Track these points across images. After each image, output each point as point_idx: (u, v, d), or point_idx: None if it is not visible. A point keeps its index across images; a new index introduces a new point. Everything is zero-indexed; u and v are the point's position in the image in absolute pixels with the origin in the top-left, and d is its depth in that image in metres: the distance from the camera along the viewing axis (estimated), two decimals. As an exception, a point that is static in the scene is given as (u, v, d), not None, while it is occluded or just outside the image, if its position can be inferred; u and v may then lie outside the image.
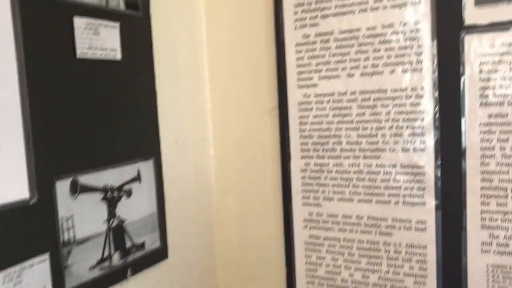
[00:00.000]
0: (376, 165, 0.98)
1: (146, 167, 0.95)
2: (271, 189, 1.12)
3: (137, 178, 0.93)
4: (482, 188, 0.89)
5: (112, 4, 0.87)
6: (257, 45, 1.09)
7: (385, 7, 0.94)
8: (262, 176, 1.13)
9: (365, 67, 0.97)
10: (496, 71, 0.86)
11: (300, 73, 1.04)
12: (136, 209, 0.92)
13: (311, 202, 1.06)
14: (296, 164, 1.06)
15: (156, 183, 0.98)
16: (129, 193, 0.90)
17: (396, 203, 0.97)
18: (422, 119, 0.93)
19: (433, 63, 0.91)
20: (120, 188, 0.89)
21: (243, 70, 1.12)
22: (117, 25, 0.87)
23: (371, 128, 0.98)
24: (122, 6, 0.89)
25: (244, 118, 1.13)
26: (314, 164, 1.04)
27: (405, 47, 0.93)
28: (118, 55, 0.87)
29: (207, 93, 1.17)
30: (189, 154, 1.11)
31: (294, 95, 1.05)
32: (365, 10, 0.96)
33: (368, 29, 0.96)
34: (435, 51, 0.91)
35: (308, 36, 1.02)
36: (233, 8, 1.12)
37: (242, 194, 1.17)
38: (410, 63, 0.93)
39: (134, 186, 0.92)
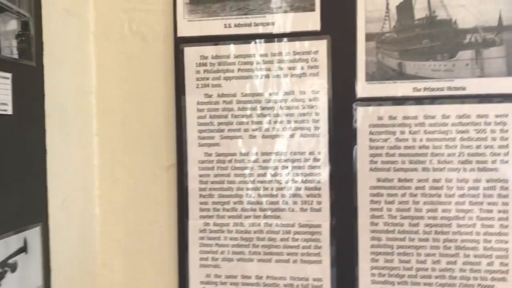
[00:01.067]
0: (276, 225, 1.02)
1: (33, 235, 0.84)
2: (165, 251, 1.07)
3: (24, 249, 0.81)
4: (372, 246, 0.98)
5: (5, 52, 0.77)
6: (154, 100, 1.07)
7: (286, 75, 1.00)
8: (154, 237, 1.08)
9: (266, 130, 1.01)
10: (384, 140, 0.97)
11: (201, 131, 1.03)
12: (21, 284, 0.80)
13: (209, 263, 1.04)
14: (194, 224, 1.04)
15: (43, 252, 0.87)
16: (14, 268, 0.79)
17: (295, 261, 1.01)
18: (319, 181, 1.00)
19: (329, 130, 0.99)
20: (4, 263, 0.77)
21: (137, 124, 1.08)
22: (9, 76, 0.78)
23: (272, 189, 1.02)
24: (15, 55, 0.80)
25: (137, 175, 1.08)
26: (214, 224, 1.04)
27: (304, 114, 1.00)
28: (9, 110, 0.77)
29: (94, 146, 1.09)
30: (75, 215, 1.02)
31: (194, 153, 1.04)
32: (267, 76, 1.01)
33: (270, 94, 1.01)
34: (331, 120, 0.99)
35: (210, 96, 1.03)
36: (127, 59, 1.08)
37: (130, 257, 1.09)
38: (309, 129, 1.00)
39: (19, 258, 0.80)
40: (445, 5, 0.94)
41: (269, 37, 1.01)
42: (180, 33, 1.04)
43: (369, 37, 0.97)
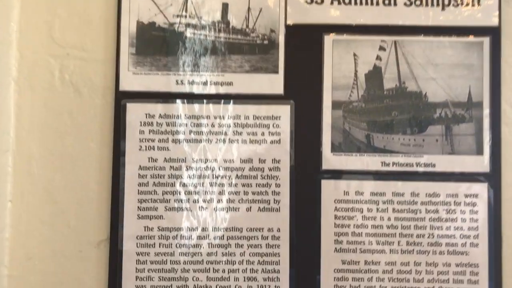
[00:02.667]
0: (227, 314, 0.88)
1: None
2: None
3: None
4: (335, 338, 0.88)
5: None
6: (86, 163, 0.91)
7: (244, 141, 0.90)
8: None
9: (219, 201, 0.89)
10: (350, 218, 0.89)
11: (142, 201, 0.89)
12: None
13: None
14: (128, 312, 0.88)
15: None
16: None
17: None
18: (278, 262, 0.89)
19: (291, 204, 0.89)
20: None
21: (63, 190, 0.91)
22: None
23: (224, 270, 0.89)
24: None
25: (58, 251, 0.91)
26: (153, 313, 0.88)
27: (263, 185, 0.90)
28: None
29: (7, 215, 0.90)
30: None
31: (131, 227, 0.89)
32: (223, 141, 0.90)
33: (226, 161, 0.90)
34: (293, 193, 0.89)
35: (155, 160, 0.90)
36: (55, 114, 0.92)
37: None
38: (268, 202, 0.89)
39: None
40: (415, 76, 0.91)
41: (227, 98, 0.91)
42: (123, 87, 0.91)
43: (335, 105, 0.91)
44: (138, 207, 0.90)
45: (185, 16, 0.92)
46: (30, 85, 0.91)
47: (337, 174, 0.90)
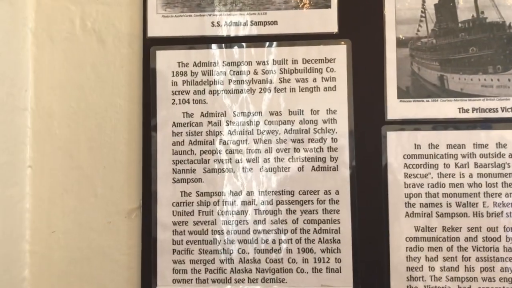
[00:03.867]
0: (279, 292, 0.76)
1: None
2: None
3: None
4: (409, 317, 0.74)
5: None
6: (113, 121, 0.81)
7: (293, 90, 0.77)
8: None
9: (266, 161, 0.77)
10: (423, 176, 0.75)
11: (177, 162, 0.78)
12: None
13: None
14: (165, 291, 0.76)
15: None
16: None
17: None
18: (338, 231, 0.76)
19: (351, 162, 0.76)
20: None
21: (87, 153, 0.81)
22: None
23: (274, 241, 0.77)
24: None
25: (84, 223, 0.80)
26: (193, 291, 0.76)
27: (317, 140, 0.77)
28: None
29: (26, 182, 0.80)
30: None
31: (166, 193, 0.78)
32: (268, 90, 0.77)
33: (272, 114, 0.78)
34: (353, 149, 0.76)
35: (191, 115, 0.79)
36: (77, 66, 0.81)
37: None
38: (323, 160, 0.77)
39: None
40: (496, 4, 0.76)
41: (271, 40, 0.78)
42: (152, 33, 0.79)
43: (400, 42, 0.77)
44: (173, 169, 0.78)
45: (220, -50, 0.80)
46: (48, 36, 0.82)
47: (405, 125, 0.76)
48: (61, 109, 0.81)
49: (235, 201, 0.78)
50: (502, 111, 0.76)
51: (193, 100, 0.79)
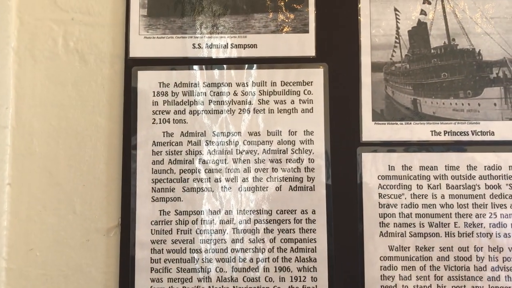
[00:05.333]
0: (256, 310, 0.77)
1: None
2: None
3: None
4: (383, 337, 0.76)
5: None
6: (93, 138, 0.82)
7: (271, 111, 0.80)
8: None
9: (244, 180, 0.79)
10: (397, 196, 0.77)
11: (156, 181, 0.79)
12: None
13: None
14: (142, 309, 0.77)
15: None
16: None
17: None
18: (314, 249, 0.77)
19: (327, 182, 0.78)
20: None
21: (67, 170, 0.82)
22: None
23: (251, 260, 0.78)
24: None
25: (62, 241, 0.80)
26: (170, 309, 0.77)
27: (295, 161, 0.79)
28: None
29: (5, 199, 0.81)
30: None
31: (145, 211, 0.79)
32: (247, 111, 0.80)
33: (251, 134, 0.79)
34: (329, 169, 0.78)
35: (171, 135, 0.80)
36: (59, 85, 0.83)
37: None
38: (300, 179, 0.79)
39: None
40: (466, 32, 0.80)
41: (250, 62, 0.80)
42: (133, 53, 0.81)
43: (375, 67, 0.80)
44: (153, 188, 0.79)
45: (202, -26, 0.83)
46: (31, 55, 0.83)
47: (380, 146, 0.79)
48: (41, 127, 0.82)
49: (213, 220, 0.79)
50: (473, 134, 0.79)
51: (173, 119, 0.81)
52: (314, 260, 0.78)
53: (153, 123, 0.81)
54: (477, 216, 0.78)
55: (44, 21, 0.84)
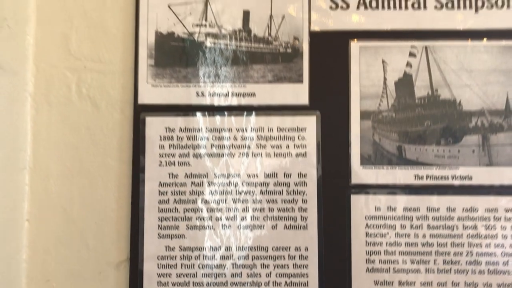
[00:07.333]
0: (253, 338, 0.85)
1: None
2: None
3: None
4: None
5: None
6: (105, 180, 0.90)
7: (268, 155, 0.87)
8: None
9: (243, 218, 0.86)
10: (382, 235, 0.85)
11: (162, 219, 0.87)
12: None
13: None
14: (149, 336, 0.85)
15: None
16: None
17: None
18: (306, 284, 0.85)
19: (319, 221, 0.86)
20: None
21: (81, 209, 0.90)
22: None
23: (248, 292, 0.85)
24: None
25: (77, 273, 0.89)
26: (175, 336, 0.85)
27: (289, 201, 0.86)
28: None
29: (24, 235, 0.88)
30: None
31: (152, 247, 0.87)
32: (246, 155, 0.87)
33: (249, 176, 0.87)
34: (321, 209, 0.86)
35: (176, 176, 0.88)
36: (73, 129, 0.91)
37: None
38: (294, 219, 0.86)
39: None
40: (448, 83, 0.87)
41: (249, 110, 0.88)
42: (142, 100, 0.89)
43: (364, 115, 0.87)
44: (159, 225, 0.87)
45: (205, 25, 0.90)
46: (47, 100, 0.91)
47: (367, 189, 0.87)
48: (57, 168, 0.90)
49: (214, 255, 0.87)
50: (452, 178, 0.86)
51: (178, 162, 0.88)
52: (306, 285, 0.87)
53: (159, 165, 0.88)
54: (454, 254, 0.85)
55: (59, 68, 0.91)
